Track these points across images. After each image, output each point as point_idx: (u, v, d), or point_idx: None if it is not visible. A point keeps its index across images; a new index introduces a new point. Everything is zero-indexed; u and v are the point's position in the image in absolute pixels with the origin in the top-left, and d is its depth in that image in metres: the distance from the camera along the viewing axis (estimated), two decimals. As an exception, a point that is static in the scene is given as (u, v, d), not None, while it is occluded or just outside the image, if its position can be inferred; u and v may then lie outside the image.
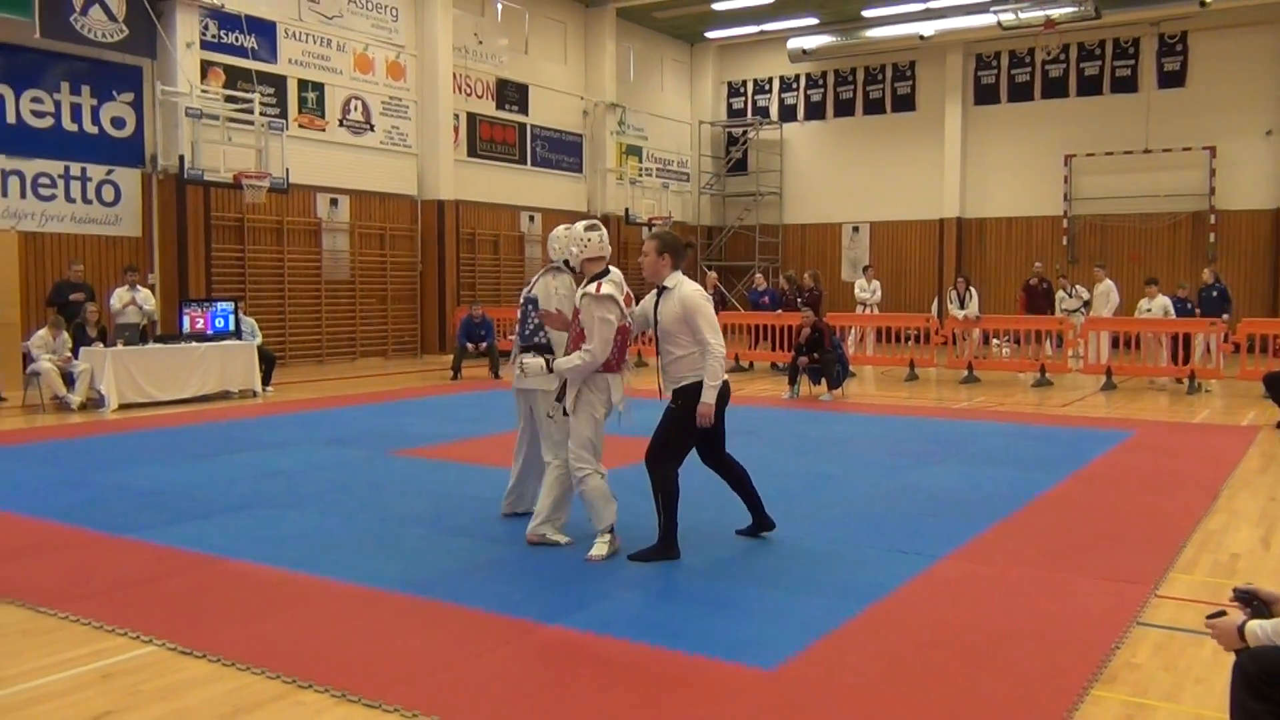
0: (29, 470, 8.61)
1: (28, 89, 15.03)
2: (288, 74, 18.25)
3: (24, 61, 14.97)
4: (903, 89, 26.77)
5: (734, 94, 29.33)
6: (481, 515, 6.86)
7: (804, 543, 6.23)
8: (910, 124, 26.59)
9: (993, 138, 25.60)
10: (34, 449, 9.72)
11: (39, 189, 15.12)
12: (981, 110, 25.76)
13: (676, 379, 5.80)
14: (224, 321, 14.12)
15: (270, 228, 18.20)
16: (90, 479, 8.22)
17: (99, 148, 15.82)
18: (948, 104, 25.84)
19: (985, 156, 25.71)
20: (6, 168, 14.76)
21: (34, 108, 15.11)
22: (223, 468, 8.70)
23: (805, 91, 28.10)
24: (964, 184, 25.92)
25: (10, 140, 14.83)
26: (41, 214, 15.12)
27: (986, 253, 25.78)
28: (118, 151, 16.04)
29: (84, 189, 15.62)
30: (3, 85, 14.78)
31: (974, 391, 14.92)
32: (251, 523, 6.75)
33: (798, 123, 28.27)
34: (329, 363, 19.09)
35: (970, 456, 9.35)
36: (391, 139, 20.24)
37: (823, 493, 7.72)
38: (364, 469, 8.69)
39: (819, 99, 27.94)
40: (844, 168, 27.49)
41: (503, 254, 22.80)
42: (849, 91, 27.49)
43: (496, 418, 11.38)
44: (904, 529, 6.57)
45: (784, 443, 10.13)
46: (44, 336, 12.63)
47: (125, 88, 16.13)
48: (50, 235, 15.24)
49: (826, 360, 13.89)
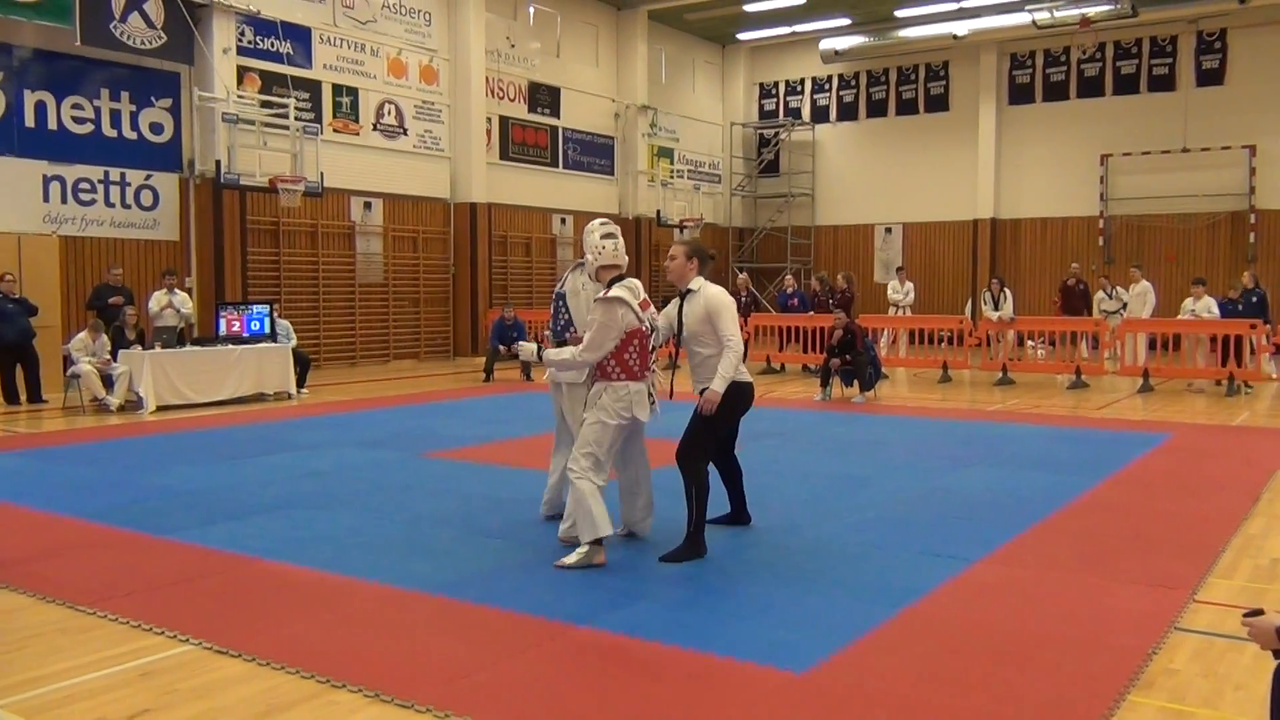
0: (69, 471, 8.73)
1: (68, 95, 15.27)
2: (322, 79, 18.41)
3: (65, 69, 15.20)
4: (936, 89, 26.59)
5: (766, 95, 29.26)
6: (513, 517, 6.87)
7: (836, 545, 6.19)
8: (944, 124, 26.41)
9: (1027, 137, 25.37)
10: (74, 450, 9.86)
11: (79, 194, 15.34)
12: (1016, 110, 25.54)
13: (704, 379, 5.92)
14: (259, 324, 14.26)
15: (305, 231, 18.36)
16: (129, 480, 8.32)
17: (138, 153, 16.03)
18: (982, 104, 25.64)
19: (1020, 156, 25.48)
20: (48, 173, 14.99)
21: (74, 114, 15.34)
22: (258, 469, 8.78)
23: (837, 92, 27.98)
24: (998, 184, 25.70)
25: (51, 146, 15.06)
26: (82, 218, 15.35)
27: (1021, 254, 25.55)
28: (156, 156, 16.25)
29: (123, 194, 15.84)
30: (44, 92, 15.02)
31: (1008, 394, 14.79)
32: (286, 524, 6.80)
33: (830, 124, 28.15)
34: (362, 365, 19.23)
35: (1005, 459, 9.27)
36: (424, 142, 20.36)
37: (855, 495, 7.67)
38: (397, 470, 8.74)
39: (851, 100, 27.81)
40: (877, 169, 27.34)
41: (535, 256, 22.87)
42: (881, 92, 27.34)
43: (528, 420, 11.42)
44: (937, 532, 6.52)
45: (816, 445, 10.09)
46: (84, 339, 12.80)
47: (163, 94, 16.34)
48: (90, 239, 15.46)
49: (859, 362, 13.82)
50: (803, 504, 7.36)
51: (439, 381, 16.73)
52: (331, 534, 6.51)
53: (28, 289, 13.52)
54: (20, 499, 7.56)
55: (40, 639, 4.66)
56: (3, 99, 14.58)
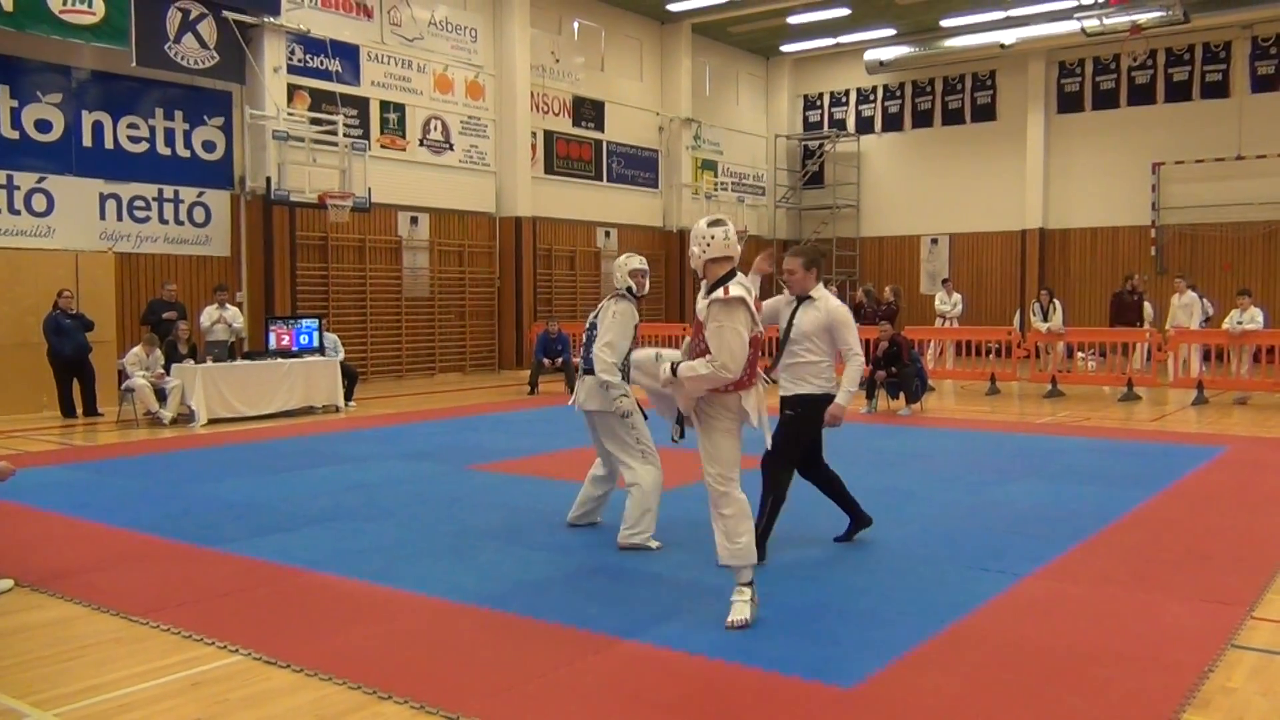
0: (123, 483, 8.89)
1: (124, 115, 15.58)
2: (370, 95, 18.65)
3: (121, 89, 15.53)
4: (983, 98, 26.37)
5: (810, 107, 29.18)
6: (557, 530, 6.90)
7: (883, 560, 6.14)
8: (991, 134, 26.17)
9: (1077, 146, 25.06)
10: (128, 463, 10.04)
11: (134, 211, 15.65)
12: (1065, 119, 25.24)
13: (797, 382, 6.07)
14: (308, 338, 14.43)
15: (353, 246, 18.58)
16: (181, 492, 8.45)
17: (191, 170, 16.32)
18: (1030, 113, 25.38)
19: (1069, 166, 25.18)
20: (105, 191, 15.31)
21: (130, 133, 15.66)
22: (306, 481, 8.89)
23: (882, 103, 27.84)
24: (1047, 194, 25.41)
25: (108, 165, 15.38)
26: (137, 235, 15.64)
27: (1070, 264, 25.22)
28: (208, 174, 16.54)
29: (176, 210, 16.13)
30: (101, 112, 15.34)
31: (1058, 406, 14.60)
32: (333, 535, 6.87)
33: (875, 135, 28.01)
34: (409, 378, 19.40)
35: (1055, 473, 9.15)
36: (470, 157, 20.54)
37: (902, 509, 7.60)
38: (442, 483, 8.80)
39: (896, 110, 27.65)
40: (922, 179, 27.15)
41: (579, 269, 22.96)
42: (927, 102, 27.16)
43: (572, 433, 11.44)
44: (986, 546, 6.45)
45: (862, 458, 10.02)
46: (138, 354, 13.03)
47: (215, 112, 16.63)
48: (144, 255, 15.75)
49: (905, 374, 13.72)
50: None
51: (484, 394, 16.83)
52: (378, 546, 6.57)
53: (84, 305, 13.79)
54: (76, 511, 7.70)
55: (95, 648, 4.75)
56: (62, 119, 14.92)
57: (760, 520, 5.83)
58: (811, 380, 6.03)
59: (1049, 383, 15.87)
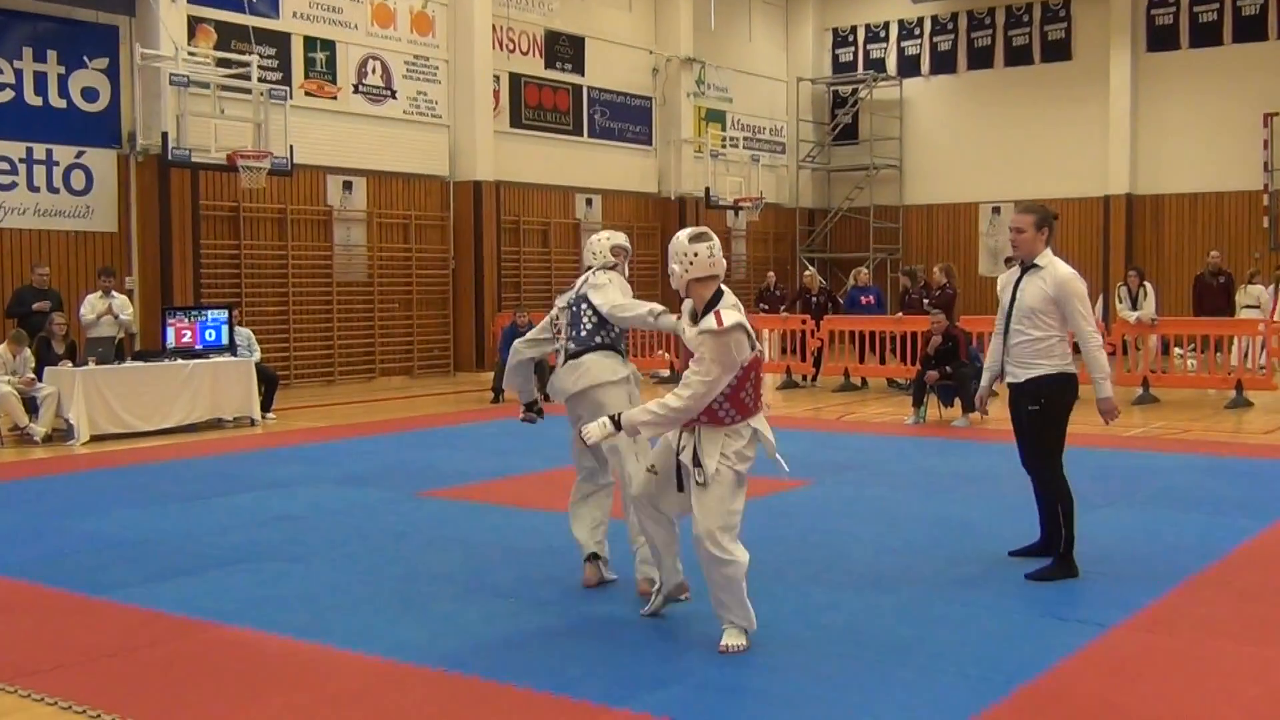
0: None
1: (-17, 56, 15.55)
2: (291, 30, 18.63)
3: (-22, 22, 15.49)
4: (1055, 33, 26.42)
5: (841, 43, 29.22)
6: (529, 571, 6.89)
7: (935, 607, 6.15)
8: (1065, 77, 26.23)
9: (1171, 93, 25.13)
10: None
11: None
12: (1156, 58, 25.31)
13: (1026, 364, 6.64)
14: (215, 334, 14.41)
15: (271, 218, 18.56)
16: (56, 526, 8.40)
17: (67, 125, 16.28)
18: (1113, 51, 25.44)
19: (1162, 117, 25.24)
20: (-42, 151, 15.27)
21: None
22: (215, 513, 8.84)
23: (931, 38, 27.89)
24: (1135, 152, 25.48)
25: (-38, 118, 15.34)
26: (0, 206, 15.58)
27: (1164, 238, 25.31)
28: (89, 129, 16.49)
29: (49, 175, 16.07)
30: (-46, 52, 15.30)
31: (1151, 414, 14.65)
32: (249, 580, 6.85)
33: (921, 77, 28.05)
34: (342, 383, 19.37)
35: (1148, 497, 9.19)
36: (417, 107, 20.53)
37: (957, 543, 7.62)
38: (385, 514, 8.77)
39: (948, 47, 27.70)
40: (981, 133, 27.20)
41: (554, 246, 22.98)
42: (986, 37, 27.21)
43: (547, 449, 11.41)
44: (1062, 590, 6.47)
45: (907, 479, 10.02)
46: (3, 354, 12.93)
47: (98, 52, 16.59)
48: (9, 231, 15.69)
49: (961, 376, 13.74)
50: (891, 555, 7.32)
51: (437, 403, 16.80)
52: (305, 593, 6.55)
53: (-66, 293, 13.74)
54: (-74, 550, 7.67)
55: (-49, 723, 4.73)
56: (-96, 61, 14.88)
57: (1066, 531, 6.63)
58: (1042, 362, 6.59)
59: (1139, 386, 15.91)
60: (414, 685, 5.06)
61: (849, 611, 6.09)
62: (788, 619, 5.87)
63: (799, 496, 9.24)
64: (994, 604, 6.21)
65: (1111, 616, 5.91)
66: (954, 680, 5.02)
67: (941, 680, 5.03)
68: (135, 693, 4.98)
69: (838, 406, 15.93)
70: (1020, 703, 4.78)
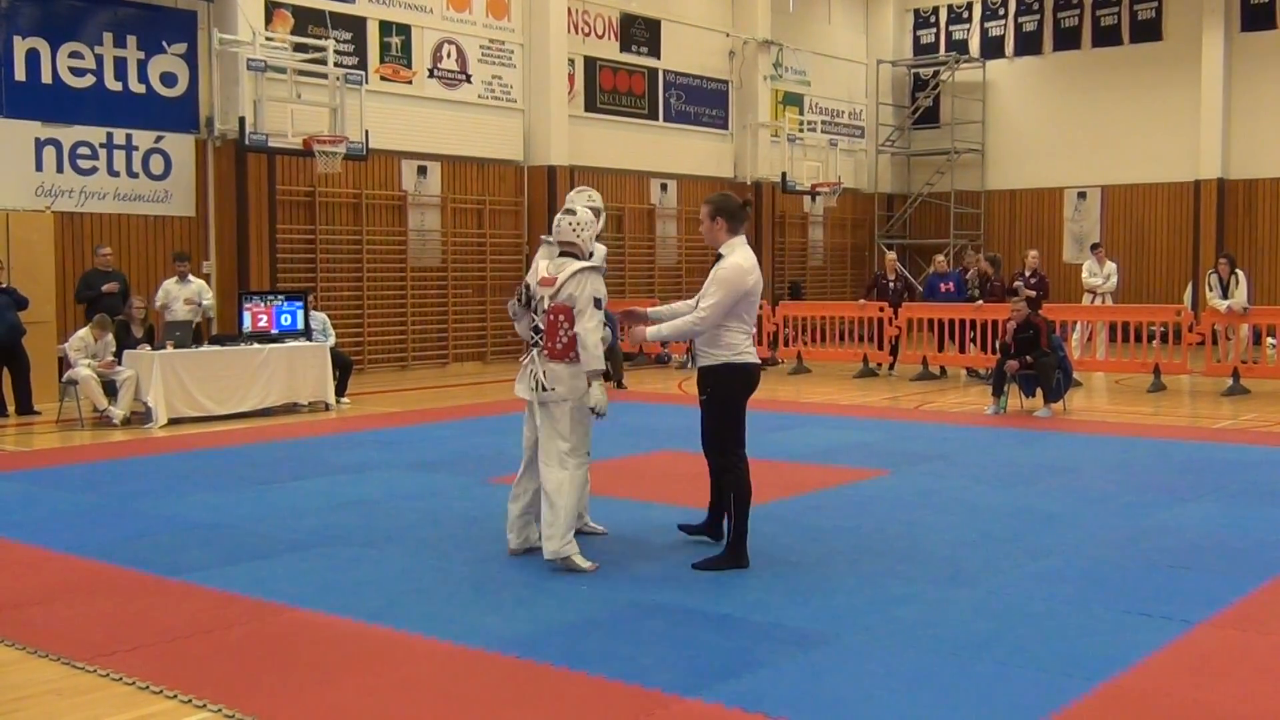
0: (65, 498, 9.04)
1: (65, 42, 15.80)
2: (367, 15, 18.78)
3: (61, 10, 15.76)
4: (1145, 12, 25.95)
5: (922, 24, 28.92)
6: (603, 557, 6.90)
7: (1015, 602, 6.09)
8: (1155, 57, 25.75)
9: (1267, 73, 24.57)
10: (70, 472, 10.20)
11: (77, 161, 15.87)
12: (1252, 38, 24.76)
13: (699, 354, 6.95)
14: (291, 318, 14.55)
15: (346, 203, 18.75)
16: (135, 509, 8.58)
17: (147, 110, 16.54)
18: (1206, 30, 24.94)
19: (1257, 98, 24.69)
20: (41, 136, 15.52)
21: (72, 64, 15.89)
22: (289, 497, 8.98)
23: (1015, 19, 27.51)
24: (1228, 135, 24.96)
25: (46, 104, 15.58)
26: (80, 190, 15.86)
27: (1258, 224, 24.78)
28: (168, 114, 16.76)
29: (129, 160, 16.34)
30: (37, 38, 15.56)
31: (1242, 406, 14.40)
32: (323, 564, 6.94)
33: (1005, 59, 27.69)
34: (415, 368, 19.55)
35: (1237, 492, 9.02)
36: (492, 92, 20.62)
37: (1039, 537, 7.54)
38: (457, 500, 8.86)
39: (1033, 28, 27.32)
40: (1066, 116, 26.79)
41: (629, 232, 22.98)
42: (1073, 17, 26.79)
43: (619, 435, 11.46)
44: (1147, 585, 6.39)
45: (987, 471, 9.93)
46: (84, 338, 13.14)
47: (177, 38, 16.84)
48: (90, 215, 15.98)
49: (1044, 365, 13.57)
50: (970, 547, 7.26)
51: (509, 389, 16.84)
52: (379, 578, 6.63)
53: (16, 277, 13.95)
54: (7, 531, 7.84)
55: (32, 701, 4.84)
56: (-11, 48, 15.19)
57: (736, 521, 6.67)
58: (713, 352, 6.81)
59: (1230, 377, 15.63)
60: (485, 671, 5.10)
61: (926, 604, 6.05)
62: (863, 611, 5.85)
63: (876, 487, 9.19)
64: (1075, 598, 6.14)
65: (1197, 613, 5.83)
66: (1033, 677, 4.98)
67: (1020, 676, 4.99)
68: (210, 674, 5.07)
69: (915, 396, 15.80)
70: (1101, 701, 4.72)
